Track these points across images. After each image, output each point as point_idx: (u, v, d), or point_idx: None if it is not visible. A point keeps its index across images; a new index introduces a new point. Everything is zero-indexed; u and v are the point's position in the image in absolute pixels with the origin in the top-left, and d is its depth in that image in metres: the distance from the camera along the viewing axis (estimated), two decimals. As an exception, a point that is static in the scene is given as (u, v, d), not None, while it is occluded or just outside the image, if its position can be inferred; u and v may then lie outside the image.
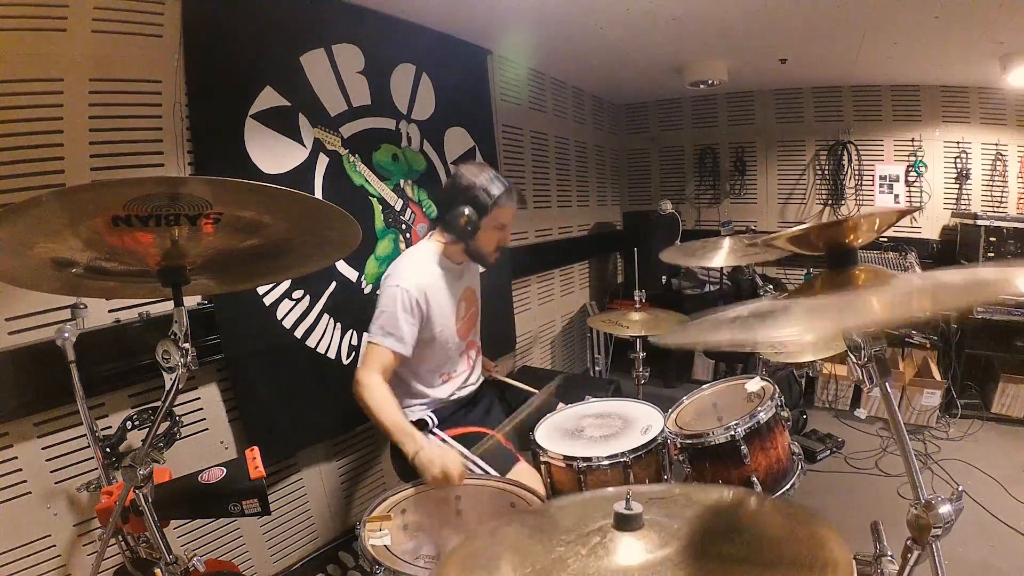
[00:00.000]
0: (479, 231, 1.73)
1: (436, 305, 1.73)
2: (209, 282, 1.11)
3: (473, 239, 1.75)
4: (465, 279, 1.89)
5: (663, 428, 1.61)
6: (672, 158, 4.57)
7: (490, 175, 1.73)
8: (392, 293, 1.66)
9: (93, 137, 1.50)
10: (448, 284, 1.79)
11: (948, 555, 1.25)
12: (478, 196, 1.69)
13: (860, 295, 0.73)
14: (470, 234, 1.73)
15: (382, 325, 1.65)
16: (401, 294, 1.65)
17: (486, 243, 1.78)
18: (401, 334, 1.64)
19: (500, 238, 1.80)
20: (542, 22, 2.52)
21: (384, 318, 1.65)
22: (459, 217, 1.69)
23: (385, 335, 1.64)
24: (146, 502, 1.00)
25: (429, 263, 1.78)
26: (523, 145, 3.33)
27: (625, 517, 0.74)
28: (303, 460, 2.11)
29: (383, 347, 1.63)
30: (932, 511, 0.76)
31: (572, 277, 4.02)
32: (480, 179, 1.71)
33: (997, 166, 3.55)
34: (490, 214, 1.71)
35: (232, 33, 1.78)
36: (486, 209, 1.69)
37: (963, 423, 3.20)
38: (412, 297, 1.66)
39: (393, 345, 1.63)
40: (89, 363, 1.40)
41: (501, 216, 1.75)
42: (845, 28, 2.62)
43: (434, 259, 1.79)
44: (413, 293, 1.66)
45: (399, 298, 1.65)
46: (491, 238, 1.78)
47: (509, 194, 1.73)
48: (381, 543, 1.18)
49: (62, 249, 0.85)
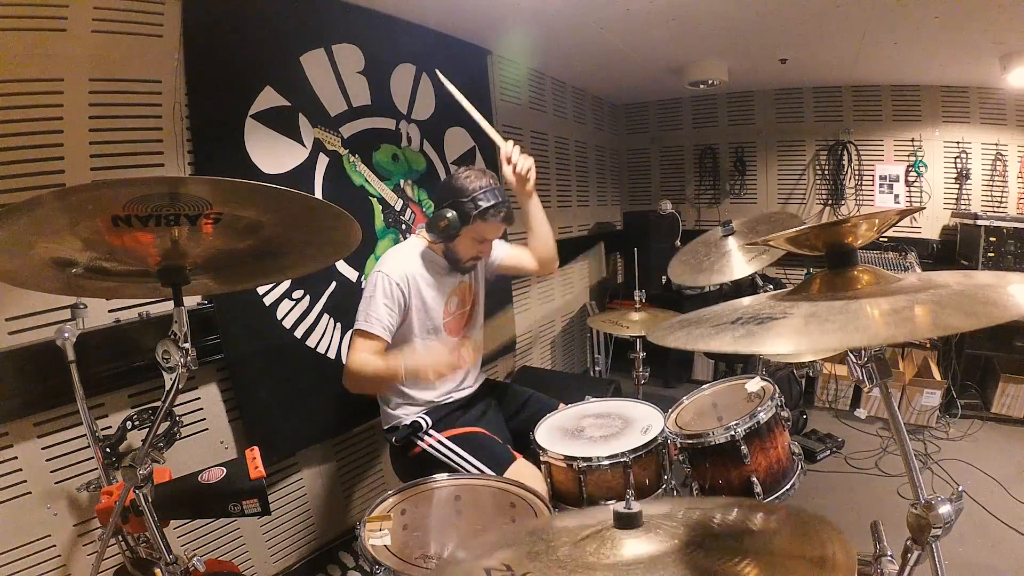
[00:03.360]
0: (457, 237, 1.73)
1: (418, 294, 1.74)
2: (209, 282, 1.11)
3: (451, 243, 1.75)
4: (459, 276, 1.87)
5: (663, 428, 1.61)
6: (672, 158, 4.57)
7: (486, 186, 1.69)
8: (373, 279, 1.69)
9: (93, 137, 1.50)
10: (435, 276, 1.79)
11: (948, 555, 1.25)
12: (464, 204, 1.67)
13: (861, 311, 0.72)
14: (448, 237, 1.72)
15: (362, 310, 1.68)
16: (381, 279, 1.68)
17: (463, 250, 1.77)
18: (380, 317, 1.65)
19: (479, 250, 1.79)
20: (542, 22, 2.52)
21: (365, 303, 1.68)
22: (440, 219, 1.68)
23: (365, 319, 1.66)
24: (146, 502, 1.00)
25: (413, 254, 1.79)
26: (523, 145, 3.32)
27: (625, 517, 0.74)
28: (303, 460, 2.11)
29: (364, 331, 1.65)
30: (932, 511, 0.76)
31: (572, 277, 4.02)
32: (473, 186, 1.68)
33: (997, 166, 3.55)
34: (472, 225, 1.69)
35: (232, 33, 1.78)
36: (468, 219, 1.68)
37: (963, 423, 3.20)
38: (392, 282, 1.67)
39: (373, 328, 1.64)
40: (89, 363, 1.40)
41: (483, 230, 1.73)
42: (845, 28, 2.62)
43: (419, 252, 1.80)
44: (393, 278, 1.68)
45: (379, 283, 1.67)
46: (469, 247, 1.76)
47: (496, 211, 1.69)
48: (381, 543, 1.18)
49: (62, 249, 0.85)
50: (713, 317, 0.87)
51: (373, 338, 1.65)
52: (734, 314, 0.83)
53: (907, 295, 0.75)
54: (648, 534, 0.74)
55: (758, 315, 0.79)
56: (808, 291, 0.86)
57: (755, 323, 0.77)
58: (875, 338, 0.69)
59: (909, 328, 0.71)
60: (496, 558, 0.77)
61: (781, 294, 0.91)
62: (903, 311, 0.71)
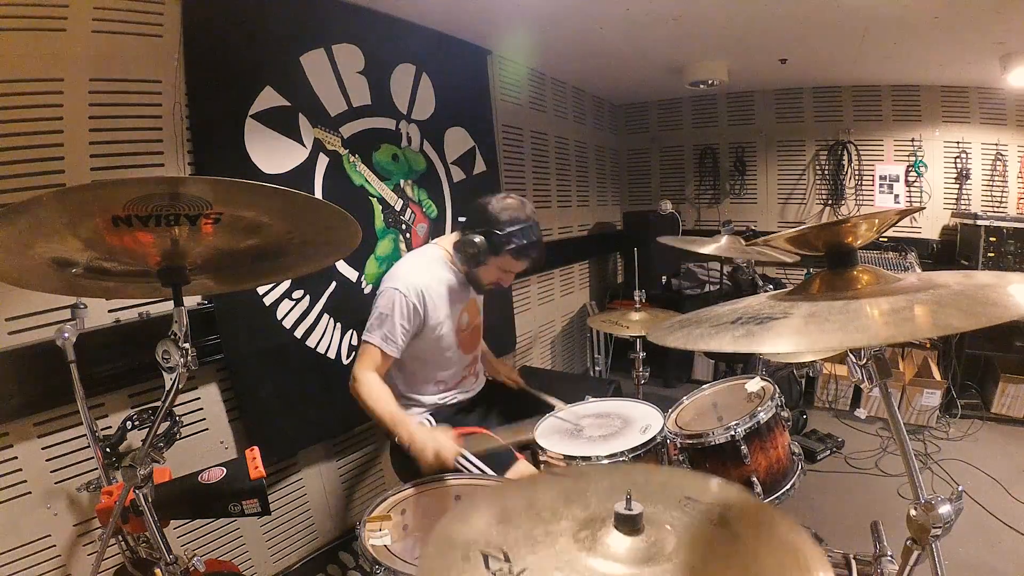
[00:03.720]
0: (482, 265, 1.74)
1: (433, 308, 1.73)
2: (209, 282, 1.11)
3: (475, 268, 1.76)
4: (470, 291, 1.88)
5: (662, 427, 1.61)
6: (672, 158, 4.57)
7: (524, 220, 1.69)
8: (389, 296, 1.68)
9: (93, 137, 1.50)
10: (449, 291, 1.79)
11: (948, 555, 1.25)
12: (498, 237, 1.67)
13: (861, 311, 0.72)
14: (475, 263, 1.74)
15: (376, 325, 1.67)
16: (398, 298, 1.67)
17: (485, 276, 1.78)
18: (394, 336, 1.66)
19: (500, 278, 1.80)
20: (542, 22, 2.52)
21: (380, 320, 1.67)
22: (470, 245, 1.70)
23: (378, 335, 1.66)
24: (146, 502, 1.01)
25: (430, 267, 1.78)
26: (523, 145, 3.33)
27: (625, 517, 0.74)
28: (303, 460, 2.11)
29: (374, 347, 1.66)
30: (932, 511, 0.76)
31: (572, 277, 4.02)
32: (511, 218, 1.68)
33: (997, 166, 3.55)
34: (500, 256, 1.71)
35: (232, 33, 1.78)
36: (499, 251, 1.69)
37: (963, 423, 3.20)
38: (409, 301, 1.67)
39: (384, 346, 1.66)
40: (89, 363, 1.40)
41: (509, 264, 1.74)
42: (845, 28, 2.62)
43: (437, 264, 1.80)
44: (410, 297, 1.67)
45: (396, 302, 1.67)
46: (492, 275, 1.78)
47: (527, 251, 1.70)
48: (381, 543, 1.18)
49: (62, 249, 0.85)
50: (713, 317, 0.87)
51: (386, 356, 1.67)
52: (734, 314, 0.84)
53: (907, 295, 0.75)
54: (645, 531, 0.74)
55: (758, 315, 0.79)
56: (808, 291, 0.86)
57: (755, 323, 0.77)
58: (875, 338, 0.69)
59: (909, 328, 0.71)
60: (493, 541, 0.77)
61: (781, 294, 0.91)
62: (903, 311, 0.71)
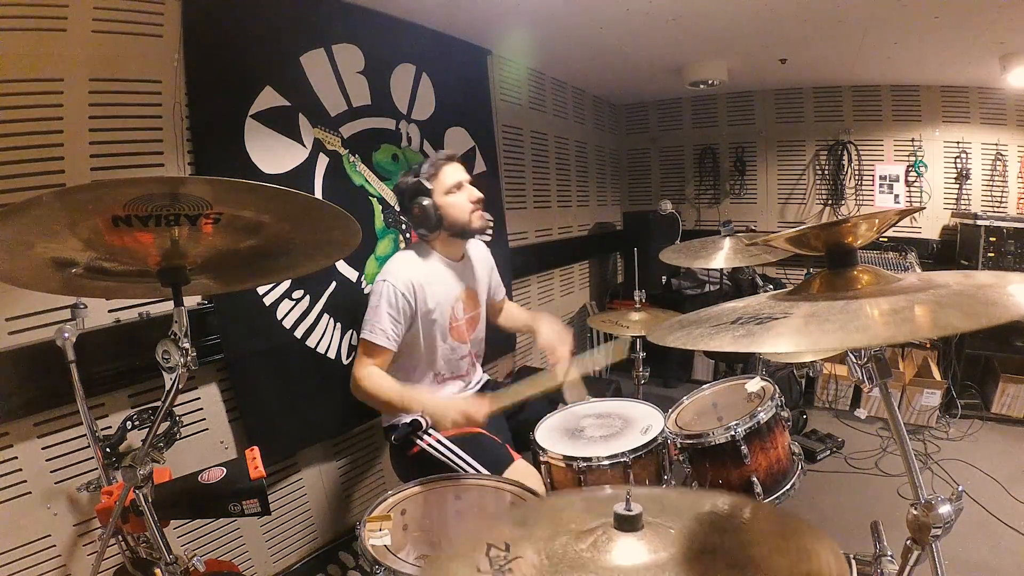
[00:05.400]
0: (439, 208, 1.75)
1: (424, 300, 1.74)
2: (209, 282, 1.11)
3: (442, 218, 1.77)
4: (465, 279, 1.89)
5: (663, 428, 1.61)
6: (672, 158, 4.57)
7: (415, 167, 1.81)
8: (379, 289, 1.70)
9: (93, 137, 1.50)
10: (442, 280, 1.80)
11: (948, 555, 1.25)
12: (413, 184, 1.76)
13: (861, 311, 0.72)
14: (435, 215, 1.75)
15: (368, 320, 1.69)
16: (387, 289, 1.68)
17: (455, 212, 1.78)
18: (384, 328, 1.67)
19: (471, 207, 1.79)
20: (542, 22, 2.52)
21: (370, 313, 1.69)
22: (414, 211, 1.75)
23: (371, 330, 1.67)
24: (146, 502, 1.00)
25: (420, 259, 1.79)
26: (523, 145, 3.33)
27: (625, 518, 0.74)
28: (303, 460, 2.11)
29: (369, 342, 1.67)
30: (932, 511, 0.75)
31: (572, 277, 4.02)
32: (409, 175, 1.80)
33: (997, 166, 3.55)
34: (433, 184, 1.75)
35: (232, 33, 1.78)
36: (425, 186, 1.74)
37: (963, 423, 3.20)
38: (398, 292, 1.68)
39: (377, 339, 1.66)
40: (89, 363, 1.40)
41: (444, 178, 1.77)
42: (845, 28, 2.62)
43: (425, 256, 1.81)
44: (400, 288, 1.68)
45: (384, 293, 1.68)
46: (455, 204, 1.77)
47: (435, 158, 1.79)
48: (381, 543, 1.18)
49: (62, 249, 0.85)
50: (713, 317, 0.87)
51: (378, 349, 1.67)
52: (734, 314, 0.83)
53: (907, 295, 0.75)
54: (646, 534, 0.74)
55: (758, 315, 0.79)
56: (808, 291, 0.86)
57: (755, 323, 0.77)
58: (875, 338, 0.69)
59: (909, 328, 0.71)
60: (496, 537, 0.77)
61: (781, 294, 0.91)
62: (903, 311, 0.71)
